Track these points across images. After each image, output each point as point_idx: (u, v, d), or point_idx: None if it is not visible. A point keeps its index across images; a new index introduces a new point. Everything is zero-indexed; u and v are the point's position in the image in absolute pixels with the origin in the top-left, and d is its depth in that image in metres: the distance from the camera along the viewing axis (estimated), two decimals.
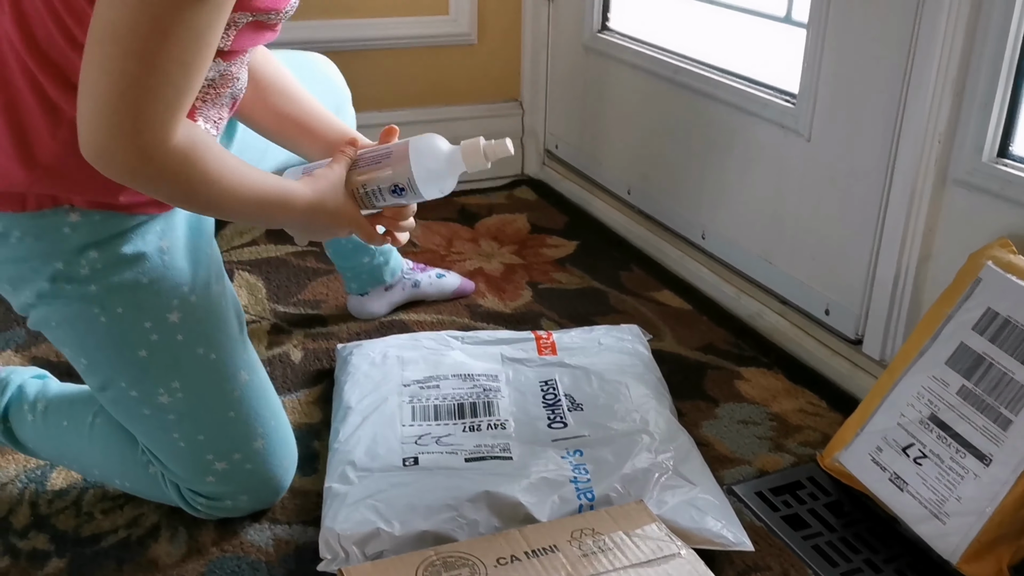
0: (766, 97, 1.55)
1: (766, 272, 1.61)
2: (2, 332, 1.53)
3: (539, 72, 2.25)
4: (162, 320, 1.02)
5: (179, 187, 0.90)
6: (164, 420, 1.06)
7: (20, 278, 1.00)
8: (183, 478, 1.10)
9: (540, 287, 1.76)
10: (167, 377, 1.04)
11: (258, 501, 1.14)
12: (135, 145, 0.84)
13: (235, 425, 1.09)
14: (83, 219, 0.97)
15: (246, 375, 1.10)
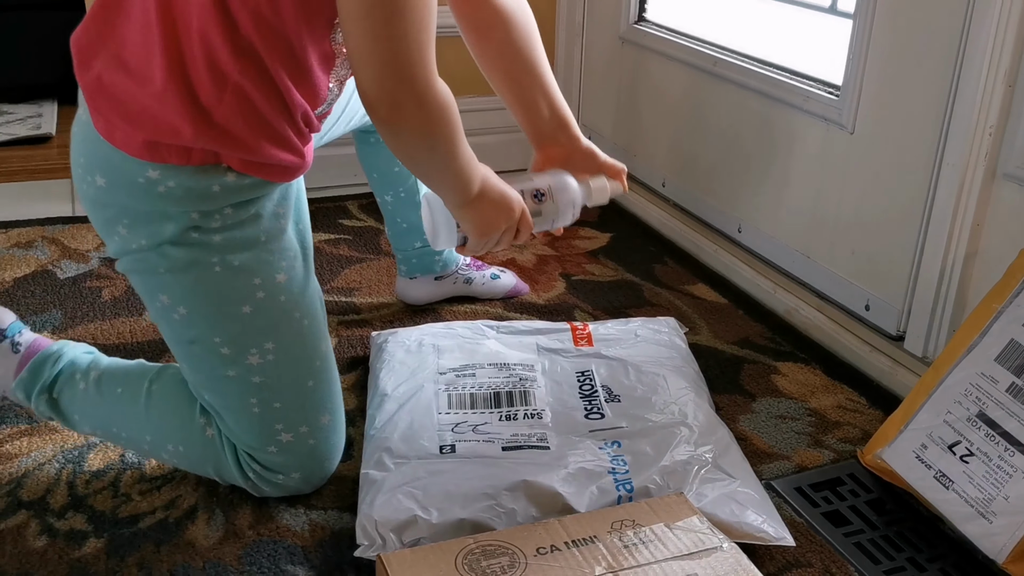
0: (808, 89, 1.53)
1: (804, 267, 1.59)
2: (39, 314, 1.53)
3: (573, 63, 2.24)
4: (271, 279, 1.05)
5: (433, 135, 0.98)
6: (247, 382, 1.06)
7: (146, 221, 1.01)
8: (247, 443, 1.09)
9: (573, 279, 1.75)
10: (263, 337, 1.05)
11: (307, 481, 1.13)
12: (415, 91, 0.93)
13: (311, 396, 1.10)
14: (235, 179, 1.01)
15: (326, 348, 1.12)
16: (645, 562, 0.96)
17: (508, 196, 1.09)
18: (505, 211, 1.09)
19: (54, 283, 1.62)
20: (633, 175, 2.08)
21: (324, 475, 1.15)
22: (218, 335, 1.05)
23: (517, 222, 1.11)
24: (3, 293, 1.59)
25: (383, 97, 0.93)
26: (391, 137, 0.98)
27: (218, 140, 0.98)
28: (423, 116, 0.95)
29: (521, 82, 1.22)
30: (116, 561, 1.04)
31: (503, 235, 1.11)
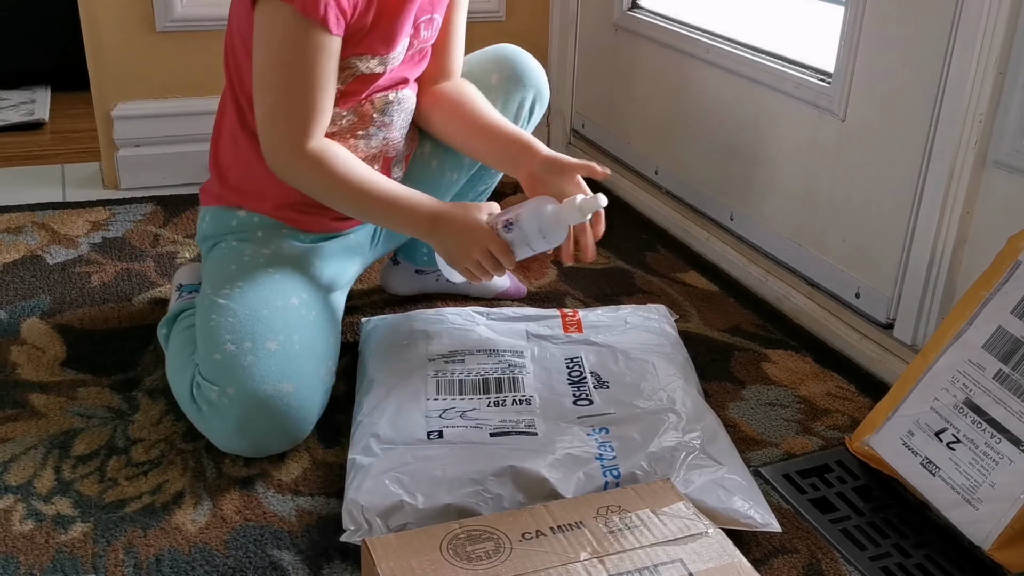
0: (800, 76, 1.53)
1: (795, 255, 1.59)
2: (28, 299, 1.53)
3: (567, 51, 2.23)
4: (255, 252, 1.26)
5: (318, 184, 1.19)
6: (215, 303, 1.20)
7: (203, 238, 1.34)
8: (200, 354, 1.17)
9: (565, 266, 1.75)
10: (236, 279, 1.23)
11: (241, 406, 1.12)
12: (283, 153, 1.17)
13: (264, 321, 1.17)
14: (246, 216, 1.30)
15: (296, 301, 1.22)
16: (630, 547, 0.96)
17: (472, 227, 1.19)
18: (470, 242, 1.19)
19: (43, 268, 1.62)
20: (625, 163, 2.07)
21: (259, 405, 1.12)
22: (210, 286, 1.24)
23: (489, 251, 1.19)
24: None
25: (265, 153, 1.18)
26: (302, 191, 1.22)
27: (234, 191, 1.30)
28: (297, 171, 1.18)
29: (468, 138, 1.34)
30: (102, 545, 1.04)
31: (480, 263, 1.21)
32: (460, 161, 1.43)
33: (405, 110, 1.32)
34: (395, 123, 1.31)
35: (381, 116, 1.28)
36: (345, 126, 1.26)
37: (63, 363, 1.36)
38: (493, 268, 1.22)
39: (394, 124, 1.31)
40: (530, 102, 1.44)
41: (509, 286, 1.62)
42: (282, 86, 1.14)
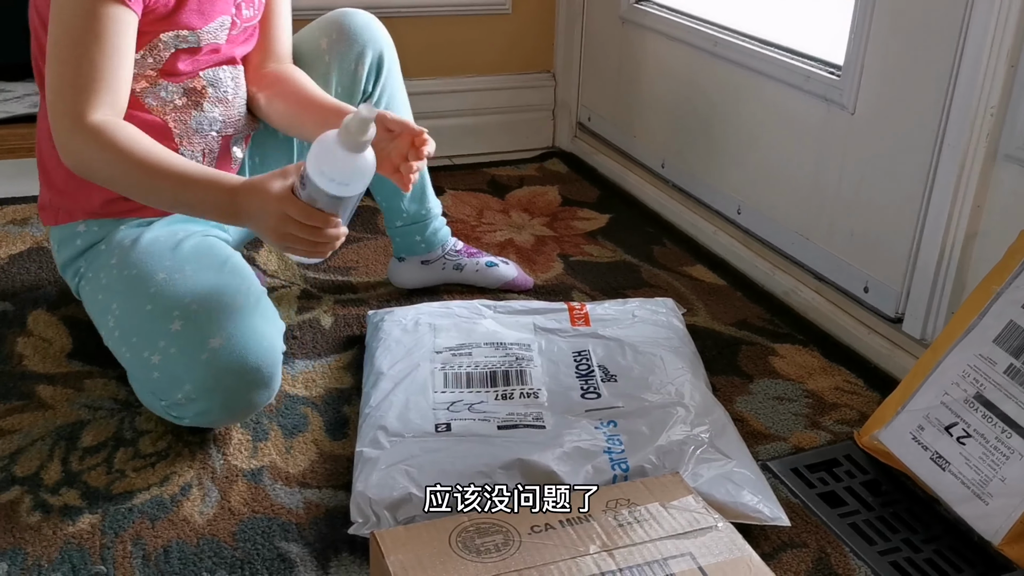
0: (809, 69, 1.52)
1: (803, 248, 1.58)
2: (34, 290, 1.53)
3: (573, 43, 2.22)
4: (106, 266, 1.21)
5: (98, 161, 1.09)
6: (114, 339, 1.18)
7: (63, 269, 1.31)
8: (140, 383, 1.16)
9: (571, 260, 1.74)
10: (110, 304, 1.19)
11: (206, 390, 1.09)
12: (63, 128, 1.09)
13: (152, 314, 1.12)
14: (85, 230, 1.26)
15: (163, 275, 1.15)
16: (640, 541, 0.96)
17: (267, 197, 1.04)
18: (269, 214, 1.04)
19: (49, 260, 1.61)
20: (632, 156, 2.07)
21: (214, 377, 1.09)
22: (101, 329, 1.22)
23: (301, 223, 1.04)
24: None
25: (56, 136, 1.11)
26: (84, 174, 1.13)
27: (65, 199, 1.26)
28: (75, 146, 1.09)
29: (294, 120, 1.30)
30: (110, 537, 1.04)
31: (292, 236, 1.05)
32: None
33: (240, 86, 1.30)
34: (231, 99, 1.28)
35: (215, 91, 1.26)
36: (179, 104, 1.23)
37: (69, 355, 1.36)
38: (310, 238, 1.05)
39: (230, 100, 1.28)
40: (370, 58, 1.38)
41: (516, 276, 1.61)
42: (68, 54, 1.08)
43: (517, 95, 2.26)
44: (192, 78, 1.23)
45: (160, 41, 1.17)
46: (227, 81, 1.28)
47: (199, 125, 1.26)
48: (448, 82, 2.17)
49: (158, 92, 1.21)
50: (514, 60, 2.24)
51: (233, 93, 1.29)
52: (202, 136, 1.26)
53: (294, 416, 1.26)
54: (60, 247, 1.29)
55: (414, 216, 1.54)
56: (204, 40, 1.21)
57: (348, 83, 1.39)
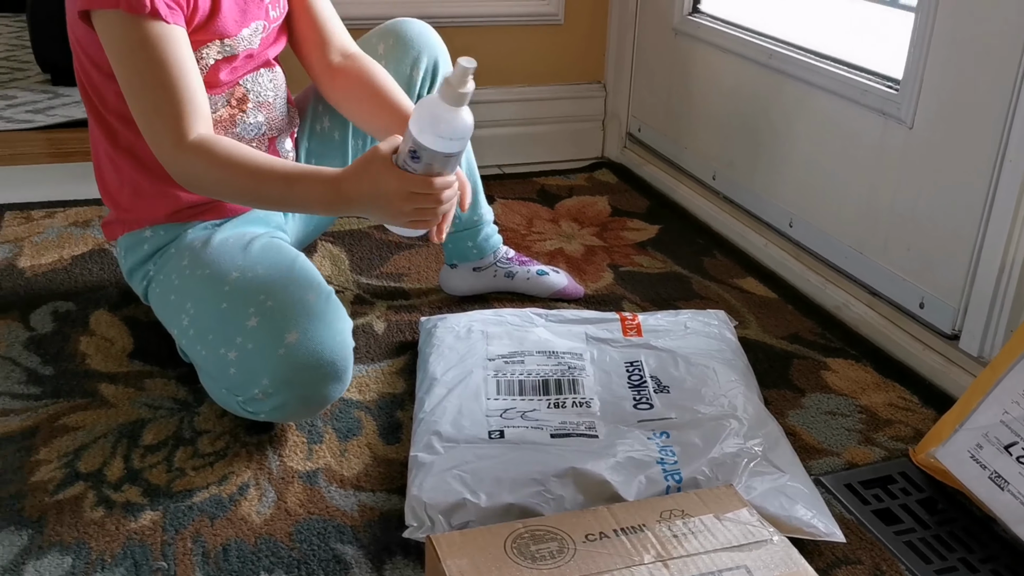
0: (866, 83, 1.51)
1: (856, 263, 1.57)
2: (96, 291, 1.56)
3: (624, 54, 2.23)
4: (178, 268, 1.24)
5: (207, 174, 1.14)
6: (189, 338, 1.20)
7: (130, 275, 1.35)
8: (216, 380, 1.18)
9: (621, 270, 1.75)
10: (184, 304, 1.22)
11: (283, 383, 1.11)
12: (166, 150, 1.14)
13: (230, 312, 1.15)
14: (152, 234, 1.30)
15: (236, 274, 1.18)
16: (694, 552, 0.96)
17: (383, 179, 1.10)
18: (391, 197, 1.10)
19: (110, 261, 1.65)
20: (683, 167, 2.07)
21: (291, 371, 1.11)
22: (173, 327, 1.26)
23: (426, 194, 1.10)
24: (61, 270, 1.62)
25: (163, 162, 1.16)
26: (193, 191, 1.20)
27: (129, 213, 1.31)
28: (184, 165, 1.14)
29: (371, 119, 1.34)
30: (171, 534, 1.06)
31: (417, 211, 1.12)
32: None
33: (278, 87, 1.34)
34: (271, 101, 1.32)
35: (256, 96, 1.29)
36: (225, 115, 1.26)
37: (130, 355, 1.39)
38: (433, 208, 1.12)
39: (271, 103, 1.32)
40: (425, 63, 1.44)
41: (567, 284, 1.62)
42: (143, 87, 1.13)
43: (567, 105, 2.27)
44: (233, 87, 1.27)
45: (200, 53, 1.20)
46: (266, 84, 1.31)
47: (244, 131, 1.29)
48: (500, 91, 2.19)
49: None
50: (565, 70, 2.25)
51: (273, 95, 1.33)
52: (248, 141, 1.29)
53: (348, 420, 1.27)
54: (127, 253, 1.32)
55: (466, 222, 1.55)
56: (240, 47, 1.24)
57: (403, 87, 1.42)
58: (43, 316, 1.48)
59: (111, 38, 1.13)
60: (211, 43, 1.21)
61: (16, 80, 3.02)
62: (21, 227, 1.78)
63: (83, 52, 1.22)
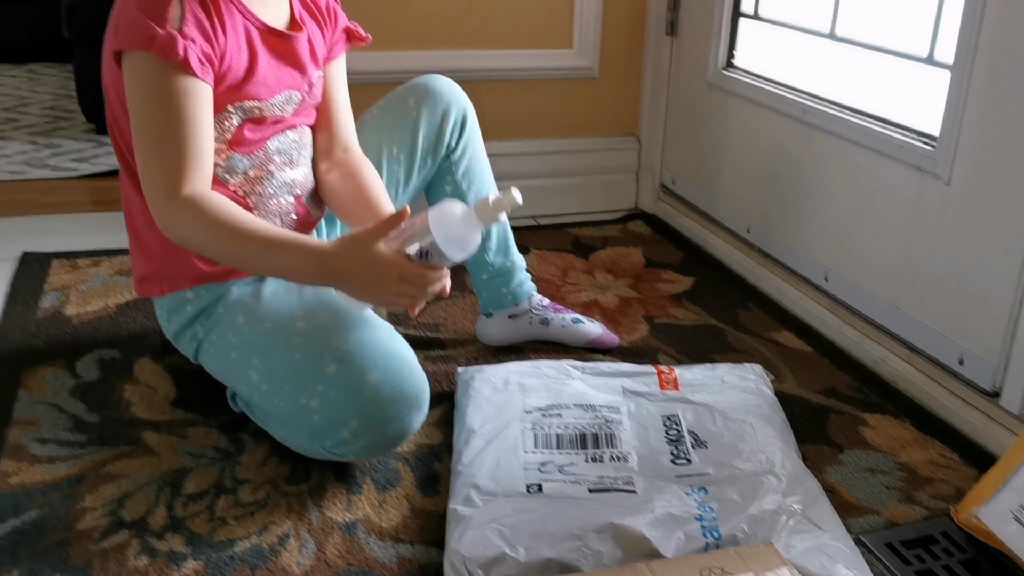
0: (902, 139, 1.52)
1: (893, 317, 1.57)
2: (140, 339, 1.59)
3: (658, 107, 2.26)
4: (233, 326, 1.26)
5: (193, 231, 1.13)
6: (262, 392, 1.22)
7: (176, 337, 1.36)
8: (299, 427, 1.22)
9: (656, 322, 1.75)
10: (249, 360, 1.23)
11: (372, 426, 1.15)
12: (158, 201, 1.14)
13: (305, 361, 1.18)
14: (194, 296, 1.31)
15: (302, 323, 1.20)
16: None
17: (376, 260, 1.11)
18: (381, 276, 1.11)
19: (153, 310, 1.68)
20: (717, 219, 2.08)
21: (378, 409, 1.15)
22: (241, 385, 1.27)
23: (418, 284, 1.12)
24: (106, 318, 1.66)
25: (152, 210, 1.16)
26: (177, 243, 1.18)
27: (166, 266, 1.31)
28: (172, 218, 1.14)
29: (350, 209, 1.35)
30: None
31: (401, 294, 1.13)
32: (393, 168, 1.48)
33: (305, 147, 1.35)
34: (296, 161, 1.33)
35: (281, 157, 1.30)
36: (252, 175, 1.27)
37: (173, 402, 1.41)
38: (417, 295, 1.14)
39: (296, 162, 1.33)
40: (454, 116, 1.49)
41: (601, 334, 1.63)
42: (154, 133, 1.12)
43: (601, 157, 2.30)
44: (260, 147, 1.28)
45: (228, 112, 1.21)
46: (292, 145, 1.32)
47: (272, 191, 1.30)
48: (534, 143, 2.22)
49: (231, 165, 1.25)
50: (599, 123, 2.28)
51: (298, 155, 1.33)
52: (276, 201, 1.31)
53: (386, 471, 1.28)
54: (170, 316, 1.33)
55: (500, 268, 1.58)
56: (269, 111, 1.26)
57: (433, 137, 1.48)
58: (89, 364, 1.51)
59: (135, 79, 1.13)
60: (240, 104, 1.22)
61: (61, 129, 3.11)
62: (68, 275, 1.82)
63: (116, 97, 1.22)
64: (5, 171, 2.64)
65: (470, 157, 1.53)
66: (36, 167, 2.69)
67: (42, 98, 3.52)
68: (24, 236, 2.04)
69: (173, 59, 1.10)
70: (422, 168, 1.50)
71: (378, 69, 1.96)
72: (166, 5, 1.11)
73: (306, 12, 1.31)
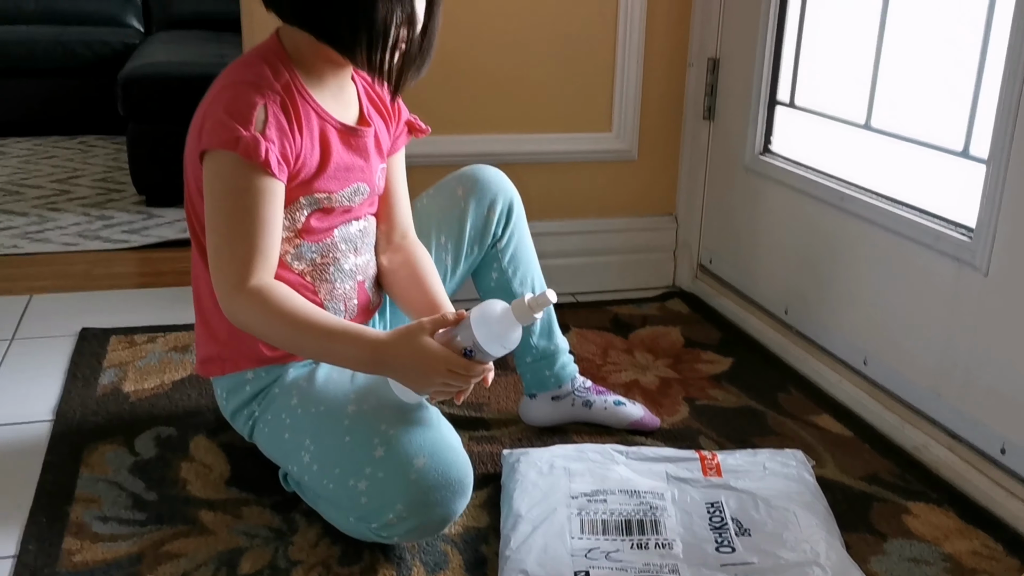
0: (939, 229, 1.55)
1: (934, 404, 1.59)
2: (195, 416, 1.64)
3: (696, 188, 2.31)
4: (288, 407, 1.32)
5: (256, 320, 1.21)
6: (312, 473, 1.27)
7: (233, 416, 1.43)
8: (346, 511, 1.26)
9: (697, 403, 1.78)
10: (301, 441, 1.29)
11: (417, 510, 1.19)
12: (225, 291, 1.21)
13: (355, 445, 1.22)
14: (253, 377, 1.37)
15: (353, 408, 1.26)
16: None
17: (426, 353, 1.18)
18: (429, 368, 1.18)
19: (208, 388, 1.74)
20: (754, 300, 2.11)
21: (424, 493, 1.18)
22: (291, 464, 1.32)
23: (464, 376, 1.18)
24: (163, 395, 1.71)
25: (219, 300, 1.23)
26: (244, 329, 1.25)
27: (231, 348, 1.37)
28: (237, 307, 1.21)
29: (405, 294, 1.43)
30: None
31: (447, 384, 1.19)
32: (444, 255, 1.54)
33: (368, 235, 1.42)
34: (361, 249, 1.40)
35: (347, 245, 1.37)
36: (318, 261, 1.34)
37: (228, 481, 1.46)
38: (462, 386, 1.21)
39: (360, 250, 1.40)
40: (500, 206, 1.55)
41: (643, 416, 1.66)
42: (225, 227, 1.21)
43: (640, 236, 2.35)
44: (327, 236, 1.35)
45: (299, 204, 1.29)
46: (358, 234, 1.40)
47: (337, 277, 1.37)
48: (574, 223, 2.28)
49: (299, 252, 1.32)
50: (638, 203, 2.33)
51: (362, 244, 1.41)
52: (341, 286, 1.37)
53: (435, 554, 1.31)
54: (229, 396, 1.39)
55: (543, 352, 1.62)
56: (337, 202, 1.33)
57: (480, 226, 1.54)
58: (147, 441, 1.56)
59: (216, 175, 1.21)
60: (311, 196, 1.30)
61: (113, 201, 3.22)
62: (125, 351, 1.88)
63: (195, 186, 1.29)
64: (60, 243, 2.74)
65: (516, 244, 1.58)
66: (89, 239, 2.79)
67: (94, 169, 3.65)
68: (80, 311, 2.11)
69: (255, 160, 1.18)
70: (469, 255, 1.56)
71: (429, 152, 2.03)
72: (251, 108, 1.19)
73: (373, 107, 1.39)
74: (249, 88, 1.21)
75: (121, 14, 4.62)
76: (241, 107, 1.19)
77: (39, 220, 2.93)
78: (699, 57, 2.24)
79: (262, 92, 1.21)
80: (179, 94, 3.09)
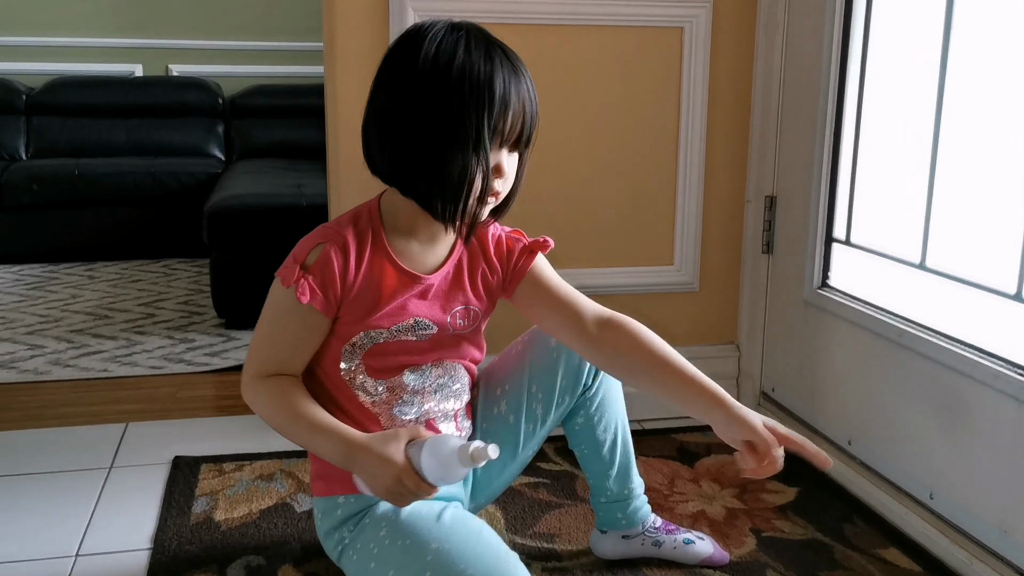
0: (997, 369, 1.60)
1: (1002, 542, 1.60)
2: (281, 546, 1.72)
3: (757, 319, 2.38)
4: (376, 538, 1.39)
5: (264, 407, 1.39)
6: None
7: (325, 537, 1.50)
8: None
9: (763, 535, 1.81)
10: (386, 572, 1.35)
11: None
12: (245, 378, 1.41)
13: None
14: (344, 502, 1.46)
15: (436, 545, 1.32)
16: None
17: (387, 460, 1.28)
18: (384, 474, 1.28)
19: (293, 516, 1.82)
20: (818, 429, 2.15)
21: None
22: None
23: (412, 491, 1.28)
24: (251, 524, 1.80)
25: (242, 386, 1.41)
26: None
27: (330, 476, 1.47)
28: (248, 397, 1.40)
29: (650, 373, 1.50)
30: None
31: (393, 492, 1.29)
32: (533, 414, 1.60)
33: (454, 382, 1.50)
34: (433, 393, 1.48)
35: (415, 386, 1.46)
36: (382, 397, 1.45)
37: None
38: (409, 499, 1.30)
39: (430, 394, 1.48)
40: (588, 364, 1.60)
41: (713, 552, 1.70)
42: (265, 333, 1.40)
43: (701, 364, 2.35)
44: (394, 375, 1.44)
45: (358, 339, 1.41)
46: (430, 377, 1.48)
47: (401, 413, 1.46)
48: None
49: (363, 386, 1.44)
50: (700, 332, 2.41)
51: (435, 386, 1.49)
52: (403, 421, 1.46)
53: None
54: (323, 516, 1.48)
55: (617, 495, 1.68)
56: (398, 337, 1.42)
57: (572, 376, 1.60)
58: (238, 570, 1.64)
59: (272, 294, 1.40)
60: (368, 331, 1.40)
61: (194, 324, 3.39)
62: (215, 480, 1.99)
63: None
64: (146, 366, 2.90)
65: (604, 392, 1.64)
66: (173, 362, 2.94)
67: (177, 293, 3.85)
68: (171, 438, 2.23)
69: (301, 301, 1.35)
70: (559, 405, 1.62)
71: None
72: (309, 248, 1.38)
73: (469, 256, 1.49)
74: (321, 232, 1.40)
75: (205, 145, 4.92)
76: (304, 247, 1.39)
77: (127, 344, 3.10)
78: (756, 194, 2.35)
79: (328, 236, 1.38)
80: (259, 225, 3.30)
